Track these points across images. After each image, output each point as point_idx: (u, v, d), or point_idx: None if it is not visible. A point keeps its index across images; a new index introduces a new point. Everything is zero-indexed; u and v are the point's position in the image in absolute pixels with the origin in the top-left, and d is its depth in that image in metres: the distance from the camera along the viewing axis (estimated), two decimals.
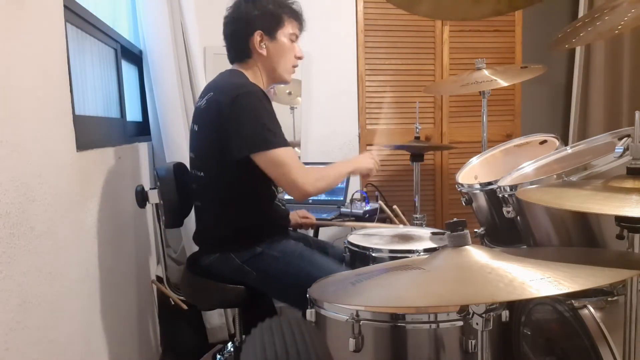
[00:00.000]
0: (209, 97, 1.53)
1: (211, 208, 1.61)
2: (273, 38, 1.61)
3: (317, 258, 1.57)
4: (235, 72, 1.62)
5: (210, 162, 1.56)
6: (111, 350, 1.53)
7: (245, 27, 1.59)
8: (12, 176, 0.98)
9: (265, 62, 1.63)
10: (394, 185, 2.87)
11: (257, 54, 1.61)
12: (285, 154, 1.46)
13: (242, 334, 1.80)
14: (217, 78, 1.64)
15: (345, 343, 1.12)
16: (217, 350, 2.25)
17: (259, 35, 1.59)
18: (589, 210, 0.89)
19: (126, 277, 1.82)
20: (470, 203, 1.63)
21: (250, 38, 1.59)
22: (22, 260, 1.00)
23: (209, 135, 1.53)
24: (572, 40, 1.49)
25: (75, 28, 1.52)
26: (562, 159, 1.49)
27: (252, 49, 1.60)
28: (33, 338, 1.04)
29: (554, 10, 3.36)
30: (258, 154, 1.45)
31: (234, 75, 1.60)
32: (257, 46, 1.59)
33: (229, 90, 1.49)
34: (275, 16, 1.60)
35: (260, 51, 1.60)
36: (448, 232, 0.92)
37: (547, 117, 3.54)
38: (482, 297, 0.78)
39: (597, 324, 1.18)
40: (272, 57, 1.62)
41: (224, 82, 1.58)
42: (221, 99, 1.48)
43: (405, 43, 2.87)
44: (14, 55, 1.03)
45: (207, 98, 1.54)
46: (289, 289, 1.51)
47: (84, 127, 1.45)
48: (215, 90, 1.54)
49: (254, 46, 1.59)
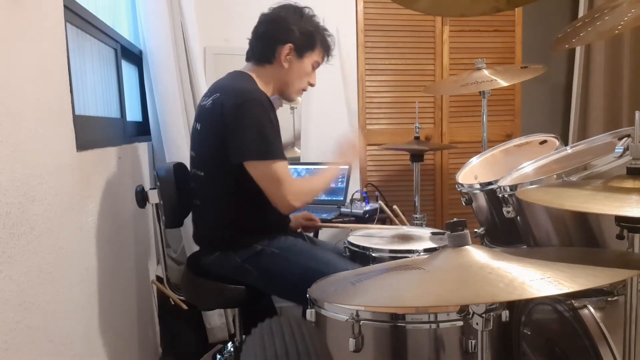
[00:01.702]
0: (215, 98, 1.53)
1: (211, 207, 1.61)
2: (300, 57, 1.62)
3: (317, 252, 1.58)
4: (244, 75, 1.62)
5: (210, 162, 1.56)
6: (111, 350, 1.53)
7: (280, 34, 1.59)
8: (12, 176, 0.98)
9: (283, 75, 1.63)
10: (394, 185, 2.87)
11: (278, 64, 1.61)
12: (279, 168, 1.47)
13: (242, 334, 1.80)
14: (226, 79, 1.63)
15: (345, 343, 1.12)
16: (217, 350, 2.25)
17: (288, 48, 1.59)
18: (589, 210, 0.89)
19: (126, 277, 1.82)
20: (470, 203, 1.63)
21: (280, 46, 1.59)
22: (22, 260, 1.00)
23: (211, 135, 1.53)
24: (572, 40, 1.49)
25: (75, 28, 1.52)
26: (562, 159, 1.49)
27: (276, 57, 1.61)
28: (33, 338, 1.04)
29: (554, 10, 3.36)
30: (252, 162, 1.46)
31: (243, 79, 1.60)
32: (282, 57, 1.60)
33: (235, 95, 1.49)
34: (311, 39, 1.63)
35: (283, 63, 1.60)
36: (448, 232, 0.92)
37: (547, 117, 3.54)
38: (482, 297, 0.78)
39: (597, 324, 1.18)
40: (291, 73, 1.63)
41: (232, 85, 1.57)
42: (227, 102, 1.48)
43: (405, 43, 2.86)
44: (14, 55, 1.03)
45: (214, 98, 1.54)
46: (290, 284, 1.51)
47: (84, 127, 1.45)
48: (222, 92, 1.54)
49: (280, 56, 1.60)
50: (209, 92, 1.60)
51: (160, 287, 2.18)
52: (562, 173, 1.19)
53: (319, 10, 1.72)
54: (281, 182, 1.46)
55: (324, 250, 1.62)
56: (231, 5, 2.61)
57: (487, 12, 1.23)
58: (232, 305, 1.98)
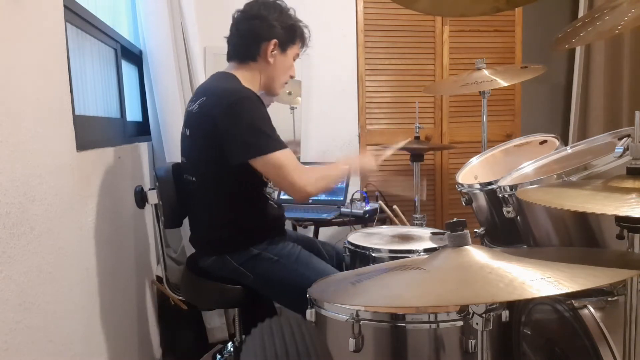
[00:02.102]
0: (201, 102, 1.52)
1: (204, 212, 1.61)
2: (284, 51, 1.63)
3: (314, 262, 1.57)
4: (228, 75, 1.61)
5: (202, 166, 1.56)
6: (111, 350, 1.53)
7: (264, 30, 1.59)
8: (12, 176, 0.98)
9: (268, 71, 1.63)
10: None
11: (263, 61, 1.61)
12: (283, 156, 1.46)
13: (242, 334, 1.80)
14: (210, 81, 1.63)
15: (345, 343, 1.12)
16: (217, 350, 2.25)
17: (273, 44, 1.59)
18: (589, 210, 0.89)
19: (126, 277, 1.82)
20: (470, 203, 1.63)
21: (265, 43, 1.59)
22: (22, 260, 1.00)
23: (201, 141, 1.52)
24: (572, 40, 1.49)
25: (75, 28, 1.52)
26: (562, 159, 1.49)
27: (261, 53, 1.60)
28: (33, 338, 1.04)
29: (554, 10, 3.36)
30: (256, 158, 1.45)
31: (228, 80, 1.59)
32: (268, 53, 1.60)
33: (223, 97, 1.48)
34: (292, 32, 1.63)
35: (269, 59, 1.60)
36: (448, 232, 0.92)
37: (547, 117, 3.55)
38: (482, 297, 0.78)
39: (597, 324, 1.18)
40: (276, 68, 1.63)
41: (217, 87, 1.56)
42: (215, 105, 1.47)
43: (405, 43, 2.87)
44: (14, 55, 1.03)
45: (200, 103, 1.52)
46: (286, 292, 1.52)
47: (84, 127, 1.45)
48: (208, 95, 1.52)
49: (265, 52, 1.60)
50: (195, 96, 1.59)
51: (160, 287, 2.18)
52: (562, 173, 1.19)
53: (319, 10, 1.72)
54: (288, 170, 1.46)
55: (322, 260, 1.61)
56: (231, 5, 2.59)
57: (487, 12, 1.23)
58: (232, 306, 1.98)
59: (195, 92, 1.63)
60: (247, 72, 1.62)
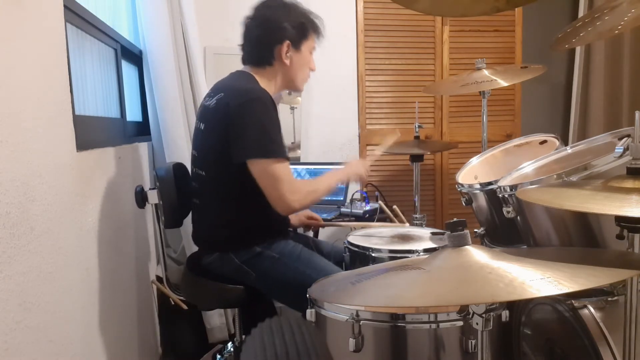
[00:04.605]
0: (219, 98, 1.53)
1: (211, 207, 1.61)
2: (298, 49, 1.62)
3: (316, 260, 1.57)
4: (247, 75, 1.61)
5: (212, 162, 1.56)
6: (111, 350, 1.53)
7: (275, 34, 1.58)
8: (12, 176, 0.98)
9: (286, 71, 1.63)
10: (394, 185, 2.87)
11: (279, 63, 1.61)
12: (280, 168, 1.46)
13: (242, 334, 1.80)
14: (228, 79, 1.63)
15: (345, 343, 1.12)
16: (217, 350, 2.25)
17: (286, 46, 1.59)
18: (589, 210, 0.89)
19: (126, 277, 1.82)
20: (470, 203, 1.63)
21: (277, 46, 1.59)
22: (22, 260, 1.00)
23: (214, 135, 1.53)
24: (572, 40, 1.49)
25: (75, 28, 1.52)
26: (562, 159, 1.49)
27: (276, 57, 1.60)
28: (33, 338, 1.04)
29: (554, 10, 3.36)
30: (254, 160, 1.46)
31: (246, 79, 1.60)
32: (282, 55, 1.59)
33: (239, 94, 1.49)
34: (303, 29, 1.62)
35: (284, 61, 1.60)
36: (448, 232, 0.92)
37: (547, 117, 3.54)
38: (482, 297, 0.78)
39: (597, 324, 1.18)
40: (293, 67, 1.63)
41: (235, 85, 1.57)
42: (230, 102, 1.48)
43: (405, 43, 2.87)
44: (14, 55, 1.03)
45: (218, 98, 1.53)
46: (287, 290, 1.52)
47: (84, 127, 1.45)
48: (226, 92, 1.53)
49: (280, 55, 1.60)
50: (212, 92, 1.59)
51: (160, 287, 2.18)
52: (562, 173, 1.19)
53: (319, 10, 1.72)
54: (281, 182, 1.46)
55: (323, 258, 1.61)
56: (231, 5, 2.61)
57: (487, 12, 1.23)
58: (232, 305, 1.98)
59: (212, 88, 1.63)
60: (264, 74, 1.62)
